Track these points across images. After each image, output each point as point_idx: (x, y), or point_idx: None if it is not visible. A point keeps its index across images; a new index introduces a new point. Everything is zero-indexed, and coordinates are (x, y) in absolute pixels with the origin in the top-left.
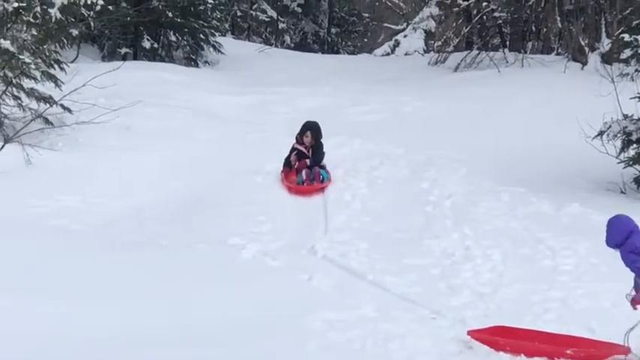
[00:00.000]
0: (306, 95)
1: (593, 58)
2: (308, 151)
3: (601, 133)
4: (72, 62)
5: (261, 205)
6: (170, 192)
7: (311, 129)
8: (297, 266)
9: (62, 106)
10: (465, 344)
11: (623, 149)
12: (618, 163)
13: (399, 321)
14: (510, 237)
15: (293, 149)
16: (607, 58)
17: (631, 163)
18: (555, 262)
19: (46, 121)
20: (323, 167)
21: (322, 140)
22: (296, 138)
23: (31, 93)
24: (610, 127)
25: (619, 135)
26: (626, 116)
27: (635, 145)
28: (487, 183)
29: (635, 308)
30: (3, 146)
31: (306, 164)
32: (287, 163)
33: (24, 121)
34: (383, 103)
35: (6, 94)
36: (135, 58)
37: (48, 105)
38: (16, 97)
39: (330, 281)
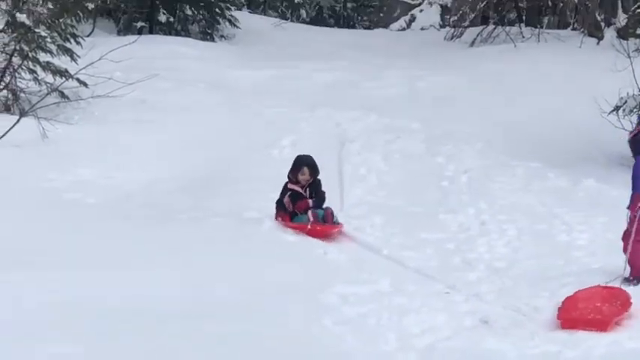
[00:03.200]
0: (322, 70)
1: (609, 33)
2: (305, 192)
3: (617, 108)
4: (87, 36)
5: (277, 180)
6: (185, 166)
7: (308, 165)
8: (312, 241)
9: (78, 79)
10: (479, 319)
11: (639, 124)
12: None
13: (413, 295)
14: (526, 212)
15: (286, 190)
16: (623, 34)
17: None
18: (571, 237)
19: (62, 94)
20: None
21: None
22: (288, 177)
23: (46, 67)
24: (626, 102)
25: (635, 110)
26: None
27: None
28: (503, 158)
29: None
30: (19, 120)
31: (307, 205)
32: (282, 206)
33: (40, 94)
34: (399, 78)
35: (22, 68)
36: (150, 32)
37: (64, 79)
38: (32, 71)
39: (345, 256)
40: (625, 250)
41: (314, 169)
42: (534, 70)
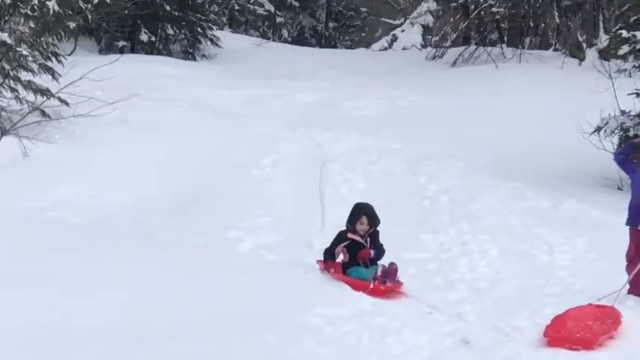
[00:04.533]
0: (304, 89)
1: (591, 54)
2: (365, 241)
3: (598, 129)
4: (69, 55)
5: (258, 199)
6: (167, 185)
7: (367, 214)
8: (293, 260)
9: (59, 98)
10: (461, 339)
11: (620, 145)
12: None
13: (395, 316)
14: (507, 232)
15: (343, 238)
16: (605, 54)
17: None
18: (552, 258)
19: (43, 113)
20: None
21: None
22: (346, 226)
23: (28, 85)
24: (607, 123)
25: (616, 131)
26: (623, 112)
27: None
28: (484, 178)
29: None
30: (0, 139)
31: (369, 254)
32: (330, 255)
33: (21, 113)
34: (380, 98)
35: (3, 87)
36: (132, 51)
37: (45, 97)
38: (13, 90)
39: (326, 276)
40: (630, 270)
41: (373, 218)
42: (516, 90)
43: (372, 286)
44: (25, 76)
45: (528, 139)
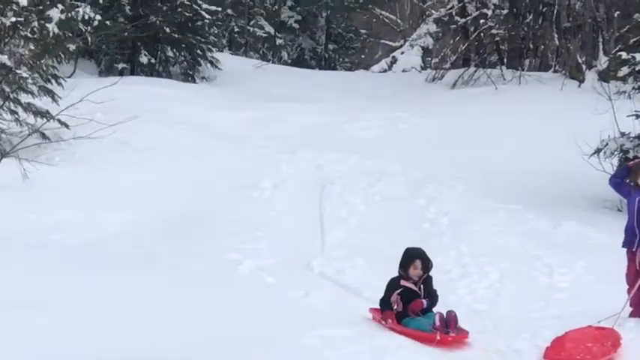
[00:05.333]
0: (303, 112)
1: (591, 76)
2: (419, 289)
3: (598, 151)
4: (69, 77)
5: (258, 221)
6: (167, 207)
7: (420, 257)
8: (293, 282)
9: (59, 120)
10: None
11: (619, 167)
12: None
13: (393, 337)
14: (507, 254)
15: (396, 286)
16: (604, 76)
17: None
18: (552, 280)
19: (43, 135)
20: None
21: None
22: (399, 273)
23: (28, 108)
24: (607, 144)
25: (616, 152)
26: (623, 134)
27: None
28: (484, 200)
29: None
30: (0, 161)
31: (422, 305)
32: (387, 304)
33: (21, 135)
34: (380, 120)
35: (3, 109)
36: (132, 73)
37: (45, 120)
38: (13, 112)
39: (326, 298)
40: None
41: (427, 262)
42: (515, 112)
43: (438, 337)
44: (24, 98)
45: (528, 161)
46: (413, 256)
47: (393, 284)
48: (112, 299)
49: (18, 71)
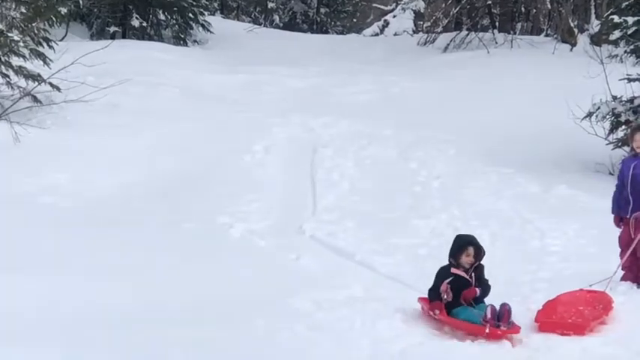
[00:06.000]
0: (295, 75)
1: (583, 40)
2: (470, 277)
3: (590, 115)
4: (60, 40)
5: (250, 185)
6: (159, 170)
7: (473, 244)
8: (285, 246)
9: (51, 84)
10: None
11: (611, 130)
12: (607, 144)
13: (386, 301)
14: (498, 217)
15: (446, 274)
16: (596, 40)
17: (619, 144)
18: (543, 243)
19: (35, 99)
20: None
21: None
22: (449, 260)
23: (19, 71)
24: (599, 108)
25: (608, 116)
26: (615, 98)
27: (623, 127)
28: (475, 164)
29: None
30: None
31: (475, 294)
32: (436, 294)
33: (12, 99)
34: (372, 84)
35: None
36: (124, 36)
37: (36, 83)
38: (4, 75)
39: (318, 261)
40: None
41: (479, 249)
42: (507, 76)
43: (487, 330)
44: (16, 61)
45: (519, 124)
46: (465, 243)
47: (442, 273)
48: (102, 262)
49: (9, 34)
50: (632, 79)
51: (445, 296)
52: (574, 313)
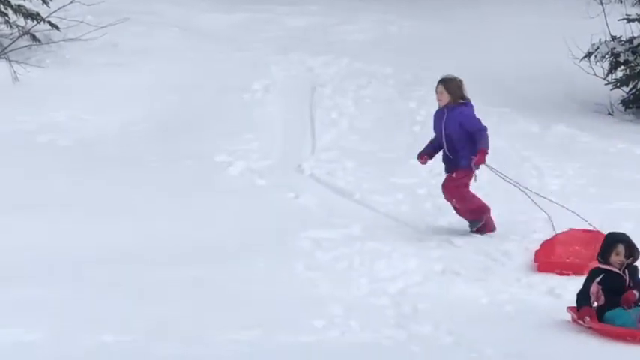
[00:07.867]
0: (294, 13)
1: None
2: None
3: (589, 55)
4: None
5: (248, 123)
6: (158, 109)
7: (624, 242)
8: (284, 185)
9: (50, 22)
10: (449, 265)
11: (610, 71)
12: (606, 84)
13: (385, 240)
14: (496, 156)
15: (597, 272)
16: None
17: (618, 84)
18: (542, 183)
19: (34, 37)
20: None
21: None
22: (598, 259)
23: (18, 9)
24: (598, 48)
25: (607, 56)
26: (614, 38)
27: (622, 67)
28: (474, 103)
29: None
30: None
31: (634, 297)
32: (585, 298)
33: (11, 37)
34: (372, 22)
35: None
36: None
37: (35, 22)
38: (3, 14)
39: (317, 200)
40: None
41: (632, 247)
42: (507, 15)
43: None
44: (14, 0)
45: (518, 64)
46: (615, 241)
47: (592, 274)
48: (101, 200)
49: None
50: (631, 19)
51: (595, 302)
52: (572, 253)
